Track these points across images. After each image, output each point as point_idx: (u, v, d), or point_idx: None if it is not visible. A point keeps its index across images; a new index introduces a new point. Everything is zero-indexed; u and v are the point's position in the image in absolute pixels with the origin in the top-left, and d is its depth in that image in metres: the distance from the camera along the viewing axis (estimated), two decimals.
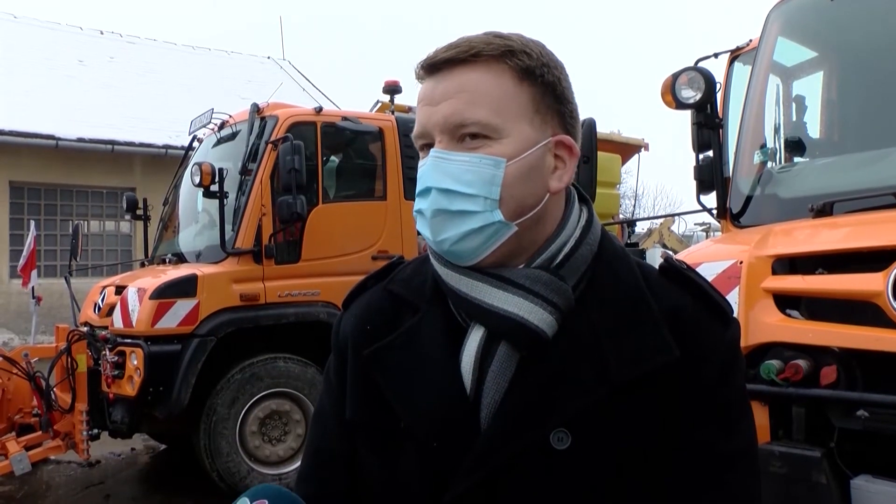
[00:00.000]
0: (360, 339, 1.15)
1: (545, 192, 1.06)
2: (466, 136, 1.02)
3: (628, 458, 1.00)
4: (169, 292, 5.49)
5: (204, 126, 6.90)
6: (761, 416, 2.63)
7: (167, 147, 14.29)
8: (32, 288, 8.82)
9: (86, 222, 14.54)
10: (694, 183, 3.93)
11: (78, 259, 7.58)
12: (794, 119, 3.85)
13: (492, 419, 1.02)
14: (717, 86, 3.79)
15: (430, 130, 1.05)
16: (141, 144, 14.50)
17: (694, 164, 3.91)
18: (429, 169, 1.04)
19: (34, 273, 9.00)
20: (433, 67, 1.05)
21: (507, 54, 1.03)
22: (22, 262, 9.38)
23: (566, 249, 1.07)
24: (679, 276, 1.11)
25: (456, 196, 1.02)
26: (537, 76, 1.04)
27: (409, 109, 7.39)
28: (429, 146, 1.06)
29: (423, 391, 1.06)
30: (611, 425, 1.00)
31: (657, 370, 1.01)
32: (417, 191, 1.06)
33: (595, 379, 1.01)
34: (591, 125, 4.18)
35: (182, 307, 5.47)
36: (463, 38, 1.05)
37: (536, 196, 1.05)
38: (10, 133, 13.22)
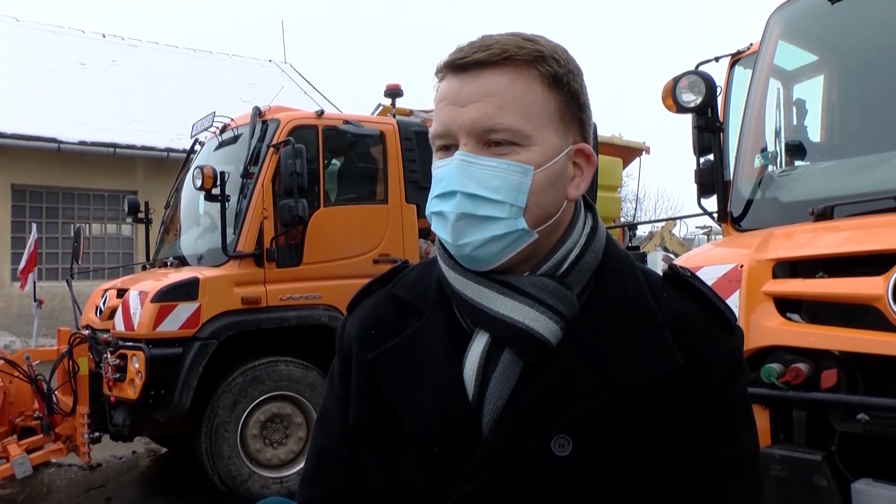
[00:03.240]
0: (364, 343, 1.15)
1: (564, 199, 1.07)
2: (493, 141, 1.02)
3: (630, 464, 1.00)
4: (170, 295, 5.49)
5: (206, 129, 6.90)
6: (762, 419, 2.63)
7: (169, 150, 14.31)
8: (34, 291, 8.82)
9: (87, 225, 14.56)
10: (695, 186, 3.94)
11: (79, 262, 7.58)
12: (795, 123, 3.85)
13: (494, 425, 1.02)
14: (718, 90, 3.80)
15: (455, 132, 1.03)
16: (143, 147, 14.53)
17: (695, 167, 3.92)
18: (454, 171, 1.02)
19: (31, 276, 8.99)
20: (461, 67, 1.03)
21: (538, 60, 1.02)
22: (22, 264, 9.39)
23: (571, 257, 1.07)
24: (683, 283, 1.11)
25: (482, 201, 1.01)
26: (564, 84, 1.04)
27: (411, 113, 7.40)
28: (449, 147, 1.05)
29: (425, 396, 1.06)
30: (612, 432, 1.00)
31: (660, 377, 1.01)
32: (437, 192, 1.05)
33: (597, 386, 1.01)
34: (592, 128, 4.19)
35: (183, 310, 5.47)
36: (491, 39, 1.03)
37: (557, 204, 1.06)
38: (12, 136, 13.24)
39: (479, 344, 1.05)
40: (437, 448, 1.04)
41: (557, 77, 1.03)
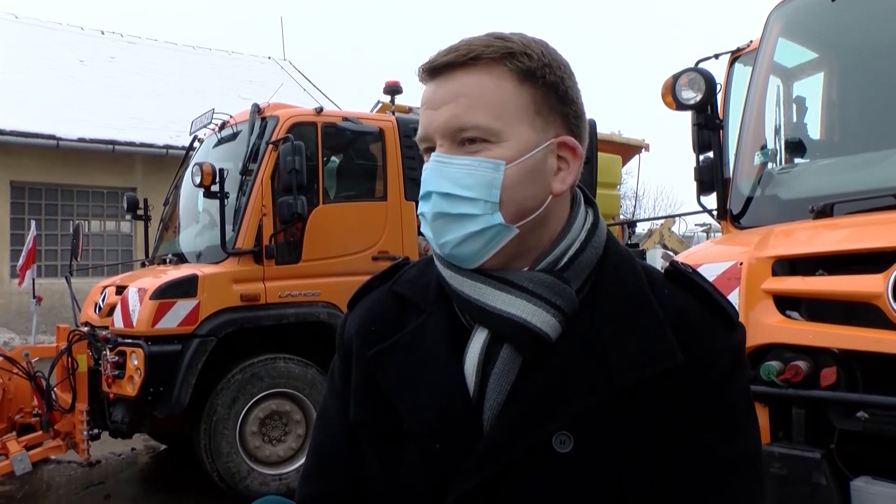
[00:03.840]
0: (365, 339, 1.15)
1: (547, 194, 1.06)
2: (467, 140, 1.03)
3: (630, 461, 1.00)
4: (169, 292, 5.48)
5: (205, 126, 6.90)
6: (761, 417, 2.63)
7: (168, 147, 14.30)
8: (33, 288, 8.81)
9: (86, 222, 14.54)
10: (694, 184, 3.94)
11: (79, 259, 7.57)
12: (795, 120, 3.85)
13: (494, 421, 1.02)
14: (718, 87, 3.79)
15: (432, 134, 1.05)
16: (142, 144, 14.52)
17: (694, 165, 3.91)
18: (430, 173, 1.05)
19: (29, 273, 8.98)
20: (434, 71, 1.05)
21: (506, 56, 1.02)
22: (21, 261, 9.39)
23: (571, 252, 1.07)
24: (684, 279, 1.11)
25: (456, 199, 1.02)
26: (538, 77, 1.04)
27: (410, 110, 7.39)
28: (431, 150, 1.07)
29: (425, 393, 1.06)
30: (613, 428, 1.00)
31: (660, 374, 1.00)
32: (420, 194, 1.07)
33: (598, 382, 1.00)
34: (591, 126, 4.19)
35: (182, 307, 5.47)
36: (463, 41, 1.05)
37: (538, 198, 1.05)
38: (11, 133, 13.23)
39: (478, 340, 1.05)
40: (437, 445, 1.04)
41: (529, 71, 1.03)
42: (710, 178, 3.82)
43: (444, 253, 1.06)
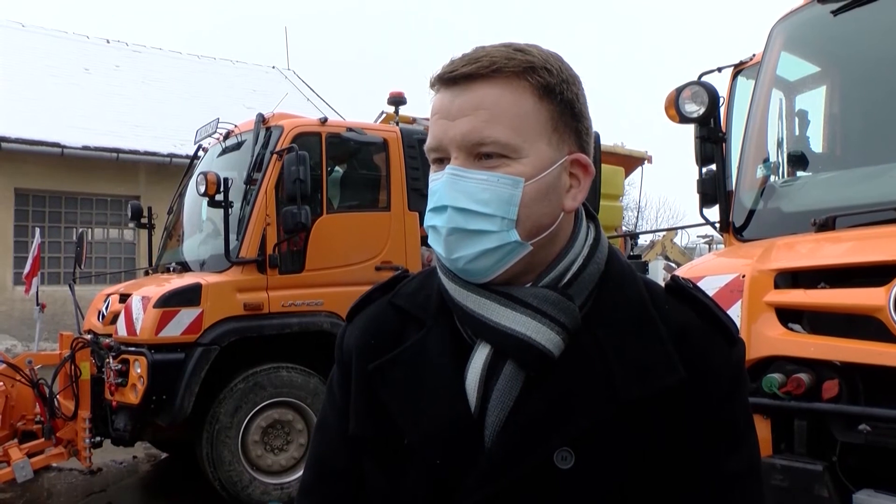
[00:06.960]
0: (365, 352, 1.14)
1: (560, 211, 1.05)
2: (484, 154, 1.01)
3: (632, 476, 1.00)
4: (173, 301, 5.50)
5: (209, 135, 6.93)
6: (763, 429, 2.63)
7: (172, 156, 14.35)
8: (37, 295, 8.84)
9: (90, 230, 14.55)
10: (697, 196, 3.95)
11: (82, 266, 7.58)
12: (797, 133, 3.86)
13: (496, 437, 1.02)
14: (721, 100, 3.81)
15: (446, 145, 1.03)
16: (146, 153, 14.57)
17: (697, 177, 3.93)
18: (444, 186, 1.02)
19: (35, 280, 9.01)
20: (451, 80, 1.02)
21: (528, 71, 1.01)
22: (27, 269, 9.41)
23: (574, 268, 1.06)
24: (685, 294, 1.10)
25: (473, 215, 1.01)
26: (557, 94, 1.03)
27: (414, 121, 7.42)
28: (442, 160, 1.05)
29: (427, 408, 1.05)
30: (615, 444, 1.00)
31: (663, 390, 1.00)
32: (431, 206, 1.05)
33: (600, 398, 1.00)
34: (595, 138, 4.21)
35: (186, 316, 5.48)
36: (482, 51, 1.03)
37: (552, 215, 1.04)
38: (16, 140, 13.28)
39: (480, 355, 1.04)
40: (438, 460, 1.03)
41: (549, 87, 1.02)
42: (713, 190, 3.83)
43: (456, 268, 1.05)
